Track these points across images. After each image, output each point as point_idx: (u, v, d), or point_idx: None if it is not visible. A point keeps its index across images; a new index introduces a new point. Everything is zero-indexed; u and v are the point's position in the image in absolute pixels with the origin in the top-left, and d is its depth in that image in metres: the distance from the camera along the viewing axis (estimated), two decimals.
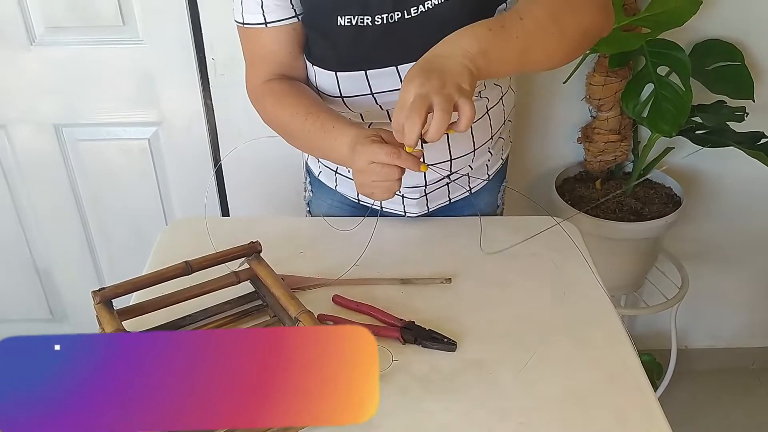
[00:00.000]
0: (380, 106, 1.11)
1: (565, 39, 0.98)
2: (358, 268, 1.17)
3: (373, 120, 1.15)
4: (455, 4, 1.02)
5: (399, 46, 1.05)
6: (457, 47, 0.90)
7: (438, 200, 1.29)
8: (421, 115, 0.85)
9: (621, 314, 1.10)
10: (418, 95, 0.85)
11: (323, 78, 1.10)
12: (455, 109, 0.86)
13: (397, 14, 1.03)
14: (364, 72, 1.07)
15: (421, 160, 0.95)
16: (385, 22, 1.03)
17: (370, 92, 1.09)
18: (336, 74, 1.08)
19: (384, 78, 1.07)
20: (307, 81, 1.17)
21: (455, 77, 0.87)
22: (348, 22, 1.03)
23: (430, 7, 1.02)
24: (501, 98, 1.22)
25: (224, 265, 1.07)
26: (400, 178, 0.94)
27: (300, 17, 1.10)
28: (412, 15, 1.03)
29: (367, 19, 1.03)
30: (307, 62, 1.12)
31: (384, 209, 1.30)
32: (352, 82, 1.08)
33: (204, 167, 1.88)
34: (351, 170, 1.01)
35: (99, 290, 0.97)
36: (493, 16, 1.06)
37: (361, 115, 1.15)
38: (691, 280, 1.92)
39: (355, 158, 0.96)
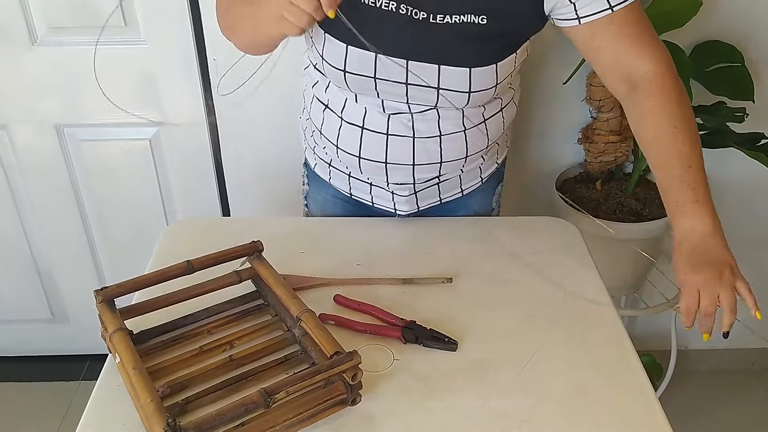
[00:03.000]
0: (378, 93, 1.11)
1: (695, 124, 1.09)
2: (359, 267, 1.18)
3: (366, 104, 1.15)
4: (482, 28, 1.02)
5: (417, 43, 1.04)
6: (720, 246, 1.04)
7: (428, 199, 1.29)
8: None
9: (621, 315, 1.10)
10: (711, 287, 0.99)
11: (332, 47, 1.07)
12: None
13: (423, 14, 1.02)
14: (374, 54, 1.05)
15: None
16: (408, 14, 1.02)
17: (374, 75, 1.07)
18: (347, 47, 1.06)
19: (393, 67, 1.06)
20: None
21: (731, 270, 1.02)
22: (372, 3, 1.02)
23: (457, 21, 1.02)
24: (501, 110, 1.21)
25: (226, 264, 1.07)
26: (311, 18, 0.93)
27: None
28: (438, 21, 1.02)
29: (393, 4, 1.02)
30: (318, 29, 1.08)
31: (375, 206, 1.30)
32: (360, 59, 1.06)
33: (205, 168, 1.88)
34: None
35: (101, 289, 0.98)
36: (508, 51, 1.07)
37: (356, 95, 1.14)
38: None
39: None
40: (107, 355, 0.99)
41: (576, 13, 1.02)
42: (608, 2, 1.01)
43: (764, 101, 1.73)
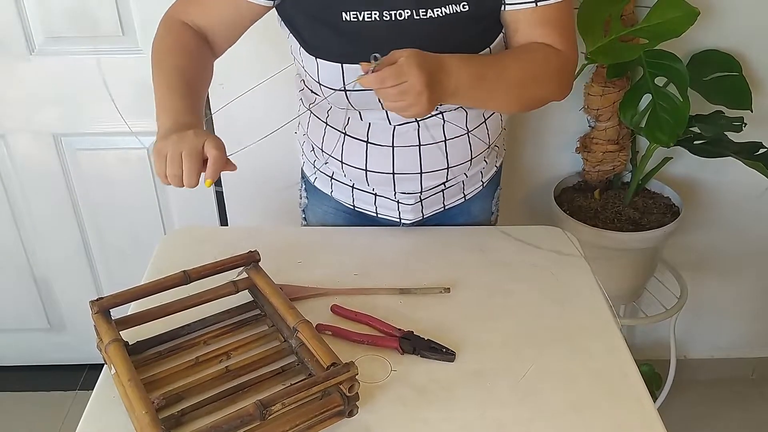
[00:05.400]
0: (382, 105, 1.10)
1: (522, 103, 1.10)
2: (356, 277, 1.17)
3: (372, 119, 1.15)
4: (466, 16, 1.04)
5: (407, 43, 1.03)
6: (455, 77, 0.96)
7: (433, 206, 1.29)
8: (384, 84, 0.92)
9: (620, 324, 1.09)
10: (407, 78, 0.90)
11: (327, 70, 1.08)
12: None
13: (407, 12, 1.03)
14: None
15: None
16: (393, 18, 1.03)
17: None
18: (342, 66, 1.06)
19: None
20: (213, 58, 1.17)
21: (435, 99, 0.94)
22: (354, 18, 1.03)
23: (440, 14, 1.03)
24: None
25: (222, 274, 1.07)
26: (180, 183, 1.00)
27: (275, 5, 1.10)
28: (421, 17, 1.03)
29: (375, 14, 1.03)
30: (309, 57, 1.09)
31: (379, 215, 1.30)
32: (357, 75, 1.06)
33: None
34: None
35: (97, 300, 0.97)
36: (497, 31, 1.08)
37: (359, 113, 1.14)
38: (690, 290, 1.92)
39: (169, 141, 0.98)
40: (104, 365, 0.99)
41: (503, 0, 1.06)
42: None
43: (762, 110, 1.73)
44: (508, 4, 1.06)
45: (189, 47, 1.12)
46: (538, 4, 1.05)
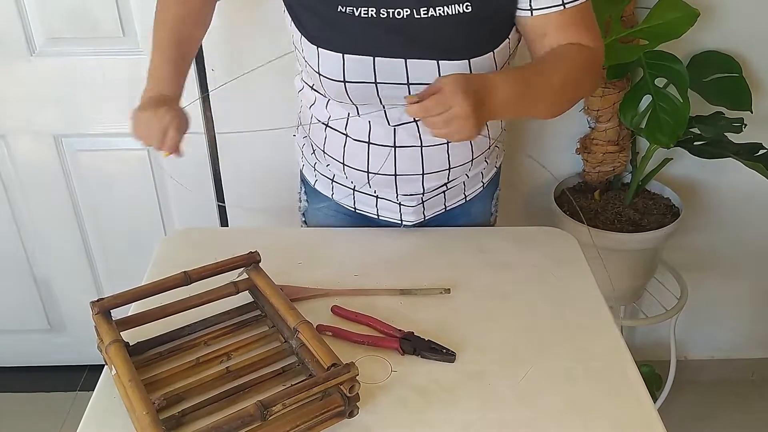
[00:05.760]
0: (380, 99, 1.10)
1: (562, 108, 1.09)
2: (357, 278, 1.17)
3: (370, 118, 1.14)
4: (469, 17, 1.03)
5: (408, 42, 1.04)
6: (498, 94, 0.96)
7: (434, 208, 1.29)
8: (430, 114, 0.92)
9: (620, 325, 1.10)
10: (456, 105, 0.90)
11: (328, 60, 1.07)
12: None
13: (406, 11, 1.02)
14: (372, 58, 1.05)
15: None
16: (391, 16, 1.02)
17: (374, 81, 1.07)
18: (343, 56, 1.05)
19: (392, 68, 1.05)
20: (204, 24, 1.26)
21: (481, 121, 0.94)
22: (351, 12, 1.03)
23: (442, 14, 1.02)
24: None
25: (223, 275, 1.07)
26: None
27: None
28: (422, 15, 1.02)
29: (372, 10, 1.02)
30: (310, 46, 1.08)
31: (381, 218, 1.30)
32: (358, 66, 1.06)
33: (203, 178, 1.88)
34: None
35: (97, 301, 0.97)
36: (503, 34, 1.08)
37: (357, 107, 1.13)
38: (690, 291, 1.92)
39: (144, 115, 1.12)
40: (104, 365, 0.99)
41: (530, 5, 1.05)
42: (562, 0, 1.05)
43: (762, 111, 1.74)
44: (535, 9, 1.05)
45: (193, 11, 1.22)
46: (566, 6, 1.05)
